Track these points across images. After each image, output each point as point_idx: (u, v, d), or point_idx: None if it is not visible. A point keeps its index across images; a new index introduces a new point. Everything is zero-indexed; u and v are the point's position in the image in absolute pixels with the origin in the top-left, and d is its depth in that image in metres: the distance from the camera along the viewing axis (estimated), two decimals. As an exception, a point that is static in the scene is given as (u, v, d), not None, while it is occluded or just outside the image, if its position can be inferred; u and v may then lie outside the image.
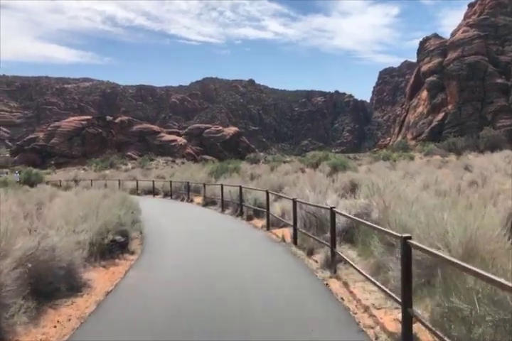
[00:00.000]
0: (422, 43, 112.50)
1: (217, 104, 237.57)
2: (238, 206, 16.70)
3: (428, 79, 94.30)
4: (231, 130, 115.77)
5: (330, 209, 7.36)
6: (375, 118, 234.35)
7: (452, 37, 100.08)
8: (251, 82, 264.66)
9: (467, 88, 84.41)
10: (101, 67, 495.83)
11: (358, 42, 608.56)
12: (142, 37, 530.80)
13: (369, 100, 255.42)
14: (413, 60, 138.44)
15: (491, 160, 26.58)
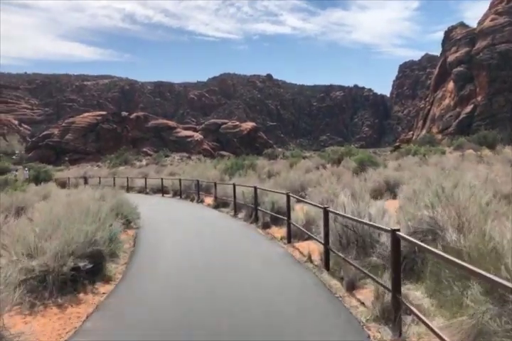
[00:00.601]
0: (448, 33, 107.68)
1: (235, 99, 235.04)
2: (253, 210, 14.06)
3: (455, 69, 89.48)
4: (248, 125, 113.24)
5: (392, 233, 4.57)
6: (395, 112, 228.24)
7: (480, 25, 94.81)
8: (269, 77, 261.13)
9: (498, 78, 79.49)
10: (120, 64, 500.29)
11: (377, 36, 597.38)
12: (161, 34, 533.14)
13: (389, 94, 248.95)
14: (434, 53, 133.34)
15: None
